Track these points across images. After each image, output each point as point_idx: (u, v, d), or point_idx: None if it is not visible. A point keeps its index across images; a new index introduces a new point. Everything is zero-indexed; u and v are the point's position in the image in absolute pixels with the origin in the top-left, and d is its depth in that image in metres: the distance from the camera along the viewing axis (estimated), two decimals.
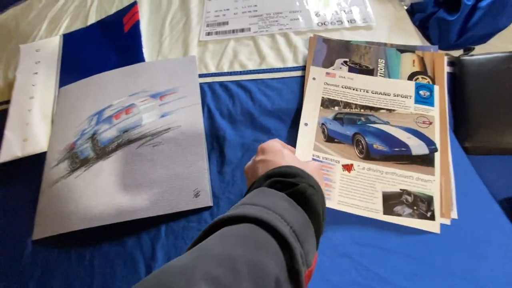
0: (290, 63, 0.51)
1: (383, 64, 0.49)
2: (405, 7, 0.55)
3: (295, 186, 0.26)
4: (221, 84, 0.51)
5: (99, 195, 0.44)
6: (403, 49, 0.50)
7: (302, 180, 0.27)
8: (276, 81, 0.50)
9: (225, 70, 0.53)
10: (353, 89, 0.46)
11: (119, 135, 0.48)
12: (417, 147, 0.41)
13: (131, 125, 0.49)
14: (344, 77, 0.47)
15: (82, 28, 0.66)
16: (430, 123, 0.42)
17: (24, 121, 0.54)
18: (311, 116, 0.45)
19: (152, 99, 0.50)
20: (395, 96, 0.45)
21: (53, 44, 0.65)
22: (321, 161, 0.41)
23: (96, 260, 0.42)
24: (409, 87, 0.45)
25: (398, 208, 0.38)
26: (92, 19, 0.68)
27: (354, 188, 0.40)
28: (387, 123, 0.43)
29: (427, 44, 0.51)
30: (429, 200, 0.38)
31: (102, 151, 0.47)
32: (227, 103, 0.49)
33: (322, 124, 0.44)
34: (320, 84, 0.47)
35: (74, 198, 0.45)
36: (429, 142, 0.41)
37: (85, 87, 0.55)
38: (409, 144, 0.41)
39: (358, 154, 0.42)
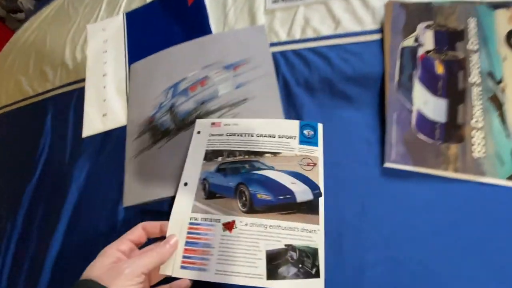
0: (369, 26, 0.48)
1: (474, 24, 0.44)
2: None
3: None
4: (295, 52, 0.50)
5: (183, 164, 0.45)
6: (496, 5, 0.45)
7: None
8: (355, 45, 0.47)
9: (297, 37, 0.51)
10: (238, 135, 0.43)
11: (196, 107, 0.49)
12: (302, 193, 0.37)
13: (207, 97, 0.49)
14: (229, 124, 0.44)
15: (143, 5, 0.67)
16: (314, 165, 0.40)
17: (101, 98, 0.57)
18: (191, 173, 0.42)
19: (226, 71, 0.50)
20: (280, 137, 0.42)
21: (118, 22, 0.66)
22: (199, 224, 0.38)
23: None
24: (294, 126, 0.43)
25: (283, 270, 0.34)
26: None
27: (235, 251, 0.35)
28: (271, 168, 0.40)
29: None
30: (314, 254, 0.34)
31: (182, 123, 0.48)
32: (303, 71, 0.48)
33: (204, 179, 0.41)
34: (205, 137, 0.44)
35: (159, 168, 0.46)
36: (314, 186, 0.38)
37: (156, 62, 0.55)
38: (294, 190, 0.37)
39: (241, 208, 0.38)
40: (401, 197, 0.38)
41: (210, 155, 0.43)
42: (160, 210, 0.44)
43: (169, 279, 0.36)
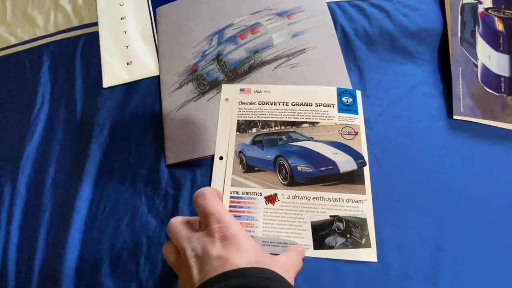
0: None
1: None
2: None
3: None
4: (351, 3, 0.47)
5: None
6: None
7: None
8: (414, 1, 0.46)
9: None
10: (271, 104, 0.40)
11: (249, 56, 0.44)
12: (345, 164, 0.36)
13: (261, 46, 0.44)
14: (261, 91, 0.41)
15: None
16: (356, 133, 0.38)
17: (122, 44, 0.48)
18: (225, 146, 0.39)
19: (279, 18, 0.46)
20: (317, 106, 0.40)
21: None
22: (240, 198, 0.36)
23: None
24: (331, 94, 0.40)
25: (330, 240, 0.33)
26: None
27: (279, 223, 0.35)
28: (311, 138, 0.38)
29: None
30: (362, 224, 0.34)
31: (234, 73, 0.43)
32: (363, 22, 0.46)
33: (240, 152, 0.38)
34: (234, 105, 0.41)
35: (210, 121, 0.41)
36: (357, 156, 0.37)
37: (192, 5, 0.49)
38: (336, 161, 0.36)
39: (281, 181, 0.36)
40: (472, 148, 0.39)
41: (243, 126, 0.40)
42: (210, 165, 0.39)
43: None
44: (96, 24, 0.52)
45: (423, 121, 0.41)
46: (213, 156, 0.40)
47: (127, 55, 0.47)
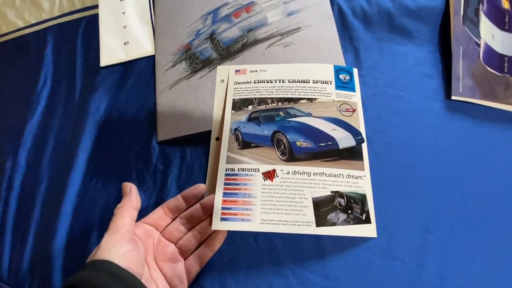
0: None
1: None
2: None
3: None
4: None
5: None
6: None
7: None
8: None
9: None
10: (267, 82, 0.40)
11: (242, 34, 0.44)
12: (344, 140, 0.36)
13: (255, 24, 0.44)
14: (256, 71, 0.41)
15: None
16: (354, 111, 0.38)
17: (120, 24, 0.49)
18: (221, 126, 0.38)
19: None
20: (314, 82, 0.39)
21: None
22: (236, 175, 0.35)
23: None
24: (328, 71, 0.40)
25: (332, 216, 0.32)
26: None
27: (279, 200, 0.33)
28: (309, 114, 0.38)
29: None
30: (362, 200, 0.33)
31: (226, 52, 0.43)
32: (360, 1, 0.44)
33: (235, 129, 0.37)
34: (230, 85, 0.40)
35: (201, 98, 0.41)
36: (355, 132, 0.36)
37: None
38: (336, 137, 0.35)
39: (280, 156, 0.35)
40: (468, 130, 0.37)
41: (238, 104, 0.39)
42: (200, 143, 0.40)
43: None
44: (97, 6, 0.53)
45: (419, 101, 0.40)
46: (203, 133, 0.40)
47: (124, 35, 0.48)
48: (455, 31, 0.40)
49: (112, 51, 0.47)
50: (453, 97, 0.38)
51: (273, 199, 0.33)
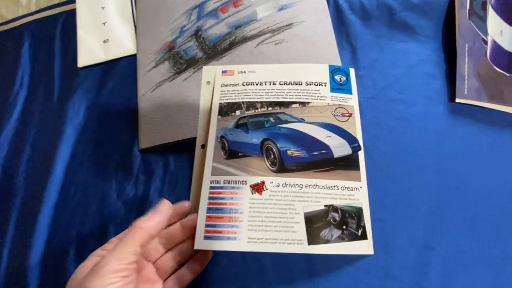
0: None
1: None
2: None
3: None
4: None
5: None
6: None
7: None
8: None
9: None
10: (257, 84, 0.36)
11: (230, 31, 0.40)
12: (339, 148, 0.32)
13: (244, 20, 0.40)
14: (244, 72, 0.37)
15: None
16: (350, 115, 0.34)
17: (99, 20, 0.46)
18: (207, 133, 0.35)
19: None
20: (307, 84, 0.36)
21: None
22: (221, 188, 0.31)
23: None
24: (323, 71, 0.36)
25: (325, 233, 0.29)
26: None
27: (268, 215, 0.30)
28: (301, 120, 0.34)
29: None
30: (358, 214, 0.30)
31: (213, 50, 0.40)
32: None
33: (222, 137, 0.34)
34: (216, 88, 0.36)
35: (185, 103, 0.38)
36: (351, 139, 0.33)
37: None
38: (330, 145, 0.32)
39: (269, 167, 0.32)
40: (473, 136, 0.35)
41: (226, 109, 0.35)
42: (185, 151, 0.37)
43: None
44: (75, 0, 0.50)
45: (420, 104, 0.37)
46: (187, 140, 0.37)
47: (104, 33, 0.45)
48: (460, 26, 0.37)
49: (91, 50, 0.44)
50: (457, 100, 0.35)
51: (261, 215, 0.30)
